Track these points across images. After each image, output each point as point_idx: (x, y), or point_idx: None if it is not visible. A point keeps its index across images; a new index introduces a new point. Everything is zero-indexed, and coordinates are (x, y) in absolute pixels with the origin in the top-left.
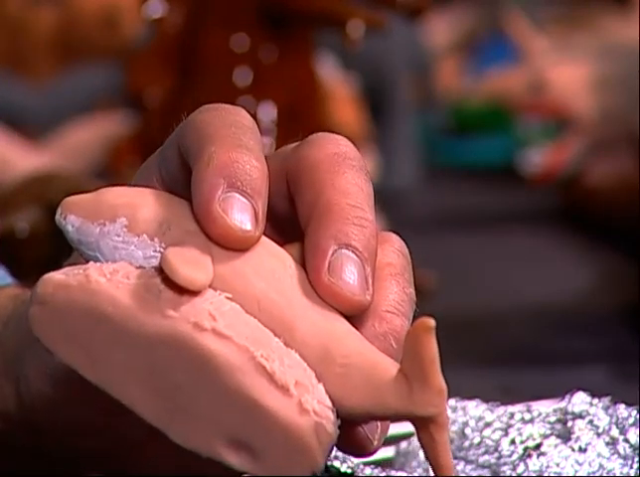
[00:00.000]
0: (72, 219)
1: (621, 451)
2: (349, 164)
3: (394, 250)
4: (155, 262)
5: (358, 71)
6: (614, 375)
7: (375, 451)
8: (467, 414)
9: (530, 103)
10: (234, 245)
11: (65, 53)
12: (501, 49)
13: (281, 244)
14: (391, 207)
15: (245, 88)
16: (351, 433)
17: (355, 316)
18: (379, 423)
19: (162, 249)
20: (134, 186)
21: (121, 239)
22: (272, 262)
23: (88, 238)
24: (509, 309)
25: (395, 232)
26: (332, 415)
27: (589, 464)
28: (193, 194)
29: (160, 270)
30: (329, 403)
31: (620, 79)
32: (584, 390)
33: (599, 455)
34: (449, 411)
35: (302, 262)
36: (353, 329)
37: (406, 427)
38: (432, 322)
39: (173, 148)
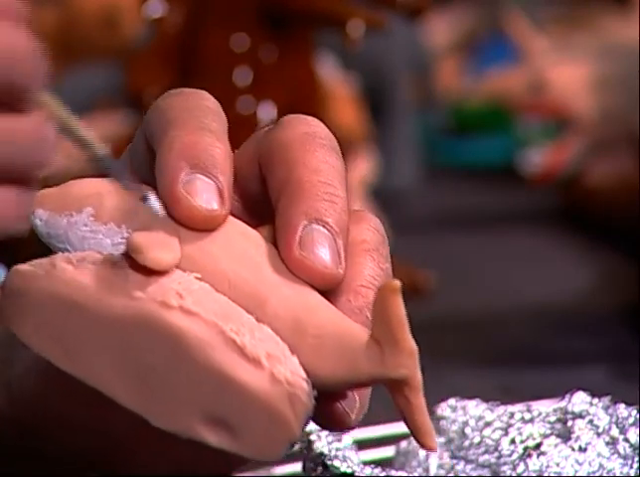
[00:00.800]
0: (39, 213)
1: (621, 451)
2: (319, 143)
3: (368, 228)
4: (123, 249)
5: (358, 71)
6: (614, 374)
7: (354, 426)
8: (467, 414)
9: (530, 103)
10: (201, 226)
11: (64, 53)
12: (501, 49)
13: (255, 227)
14: (391, 207)
15: (245, 88)
16: (329, 409)
17: (330, 292)
18: (357, 397)
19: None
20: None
21: (89, 229)
22: (242, 241)
23: (57, 230)
24: (509, 309)
25: (395, 232)
26: (306, 386)
27: (589, 464)
28: (157, 178)
29: (127, 255)
30: (302, 374)
31: (620, 79)
32: (584, 389)
33: (599, 455)
34: (449, 411)
35: (274, 242)
36: (325, 300)
37: (406, 427)
38: (398, 283)
39: (141, 136)
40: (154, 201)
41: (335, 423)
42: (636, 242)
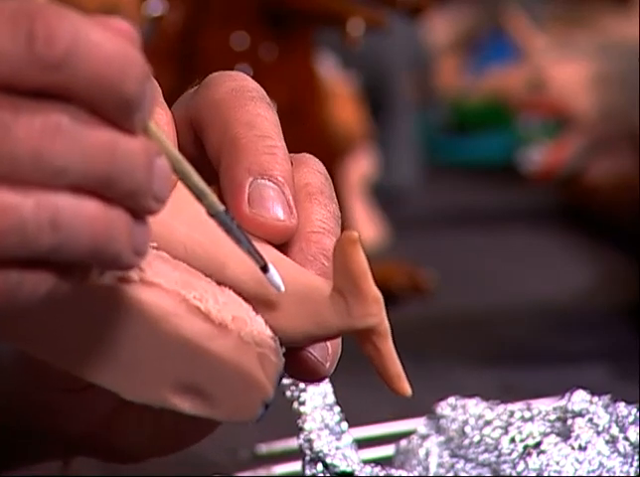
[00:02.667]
0: None
1: (621, 449)
2: (248, 96)
3: (309, 171)
4: None
5: (358, 69)
6: (614, 373)
7: (328, 375)
8: (467, 413)
9: (530, 101)
10: None
11: None
12: (501, 47)
13: None
14: (391, 205)
15: None
16: (301, 360)
17: (282, 243)
18: (329, 346)
19: None
20: None
21: None
22: (191, 205)
23: None
24: (509, 307)
25: (395, 230)
26: (274, 344)
27: (589, 462)
28: None
29: None
30: (270, 333)
31: (620, 77)
32: (584, 388)
33: (599, 453)
34: (449, 410)
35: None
36: (283, 256)
37: (406, 426)
38: (356, 234)
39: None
40: (273, 272)
41: (310, 374)
42: (636, 240)
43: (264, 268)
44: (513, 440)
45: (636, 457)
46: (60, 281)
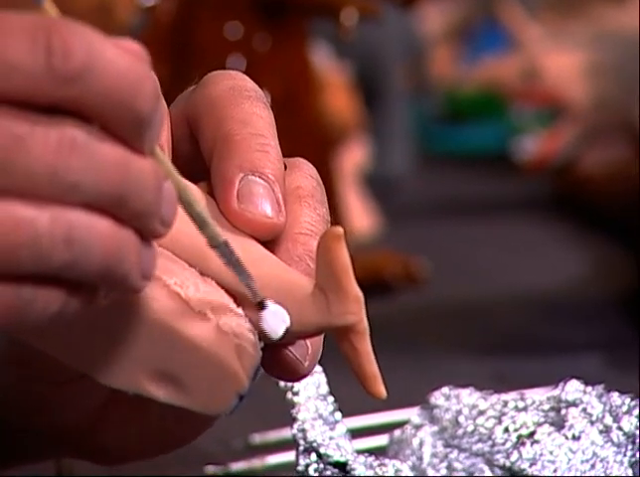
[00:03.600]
0: None
1: (615, 439)
2: (245, 95)
3: (302, 174)
4: None
5: (352, 59)
6: (608, 362)
7: (308, 373)
8: (461, 402)
9: (523, 91)
10: None
11: None
12: (495, 36)
13: None
14: (384, 195)
15: None
16: (280, 358)
17: (269, 242)
18: (309, 344)
19: None
20: None
21: None
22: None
23: None
24: (502, 297)
25: (389, 219)
26: (252, 337)
27: (583, 452)
28: None
29: None
30: (249, 326)
31: (614, 66)
32: (578, 377)
33: (593, 443)
34: (443, 399)
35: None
36: (268, 253)
37: (400, 416)
38: (340, 230)
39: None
40: (274, 307)
41: (288, 373)
42: (629, 230)
43: (261, 305)
44: (507, 430)
45: (630, 447)
46: (69, 300)
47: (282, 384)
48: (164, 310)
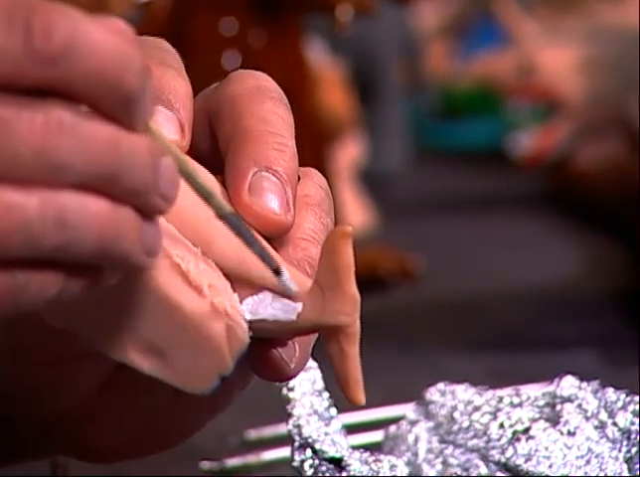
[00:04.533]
0: None
1: (610, 435)
2: (268, 95)
3: (312, 184)
4: None
5: (347, 54)
6: (603, 358)
7: (295, 375)
8: (456, 398)
9: (519, 86)
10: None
11: None
12: (490, 32)
13: None
14: (379, 190)
15: None
16: (267, 358)
17: (272, 243)
18: (297, 347)
19: None
20: None
21: None
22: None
23: None
24: (498, 293)
25: (384, 215)
26: (244, 323)
27: (578, 448)
28: None
29: None
30: (242, 310)
31: (609, 62)
32: (573, 373)
33: (588, 439)
34: (438, 395)
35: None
36: (271, 248)
37: (395, 411)
38: (350, 228)
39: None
40: (287, 275)
41: (274, 373)
42: (624, 226)
43: (277, 271)
44: (502, 426)
45: (625, 443)
46: (68, 283)
47: None
48: (163, 277)
